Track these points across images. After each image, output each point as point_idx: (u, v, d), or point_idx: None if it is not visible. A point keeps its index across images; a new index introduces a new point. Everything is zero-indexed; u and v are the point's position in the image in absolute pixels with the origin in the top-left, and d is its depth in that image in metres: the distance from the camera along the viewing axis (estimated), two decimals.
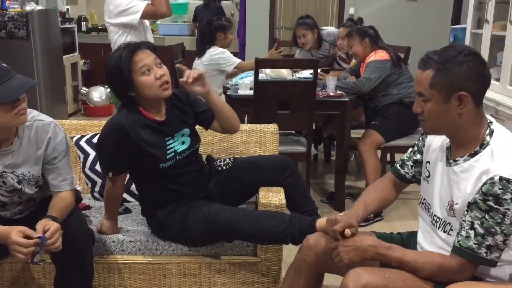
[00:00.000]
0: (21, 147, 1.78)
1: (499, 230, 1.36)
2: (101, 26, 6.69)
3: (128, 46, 1.92)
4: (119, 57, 1.89)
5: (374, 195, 1.78)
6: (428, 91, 1.43)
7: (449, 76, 1.40)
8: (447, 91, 1.41)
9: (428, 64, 1.43)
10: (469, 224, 1.40)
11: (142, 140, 1.94)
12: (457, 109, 1.42)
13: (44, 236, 1.61)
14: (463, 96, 1.41)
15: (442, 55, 1.42)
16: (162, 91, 1.93)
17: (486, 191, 1.36)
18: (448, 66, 1.40)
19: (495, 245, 1.37)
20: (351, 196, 3.55)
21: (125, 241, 2.06)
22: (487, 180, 1.36)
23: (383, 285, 1.42)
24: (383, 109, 3.29)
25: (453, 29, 4.51)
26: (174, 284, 2.09)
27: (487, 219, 1.37)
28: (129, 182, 2.23)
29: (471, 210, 1.40)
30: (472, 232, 1.39)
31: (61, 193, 1.85)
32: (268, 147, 2.48)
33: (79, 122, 2.55)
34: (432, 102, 1.44)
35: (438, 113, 1.44)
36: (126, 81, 1.89)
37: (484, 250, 1.38)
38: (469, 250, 1.39)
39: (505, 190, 1.34)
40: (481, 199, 1.37)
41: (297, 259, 1.75)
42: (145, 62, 1.90)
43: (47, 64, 4.92)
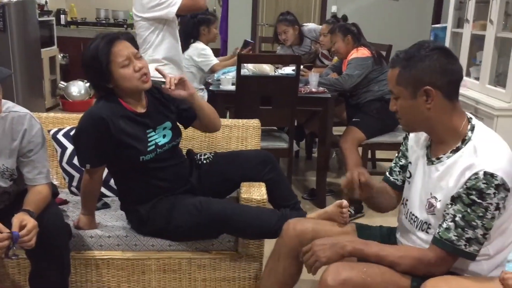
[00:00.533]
0: None
1: (480, 224, 1.37)
2: (80, 20, 6.59)
3: (106, 37, 1.87)
4: (96, 47, 1.84)
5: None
6: (396, 88, 1.47)
7: (413, 72, 1.43)
8: (413, 87, 1.43)
9: (396, 62, 1.47)
10: (451, 216, 1.40)
11: (122, 132, 1.90)
12: (425, 104, 1.44)
13: (16, 232, 1.58)
14: (429, 90, 1.42)
15: (407, 52, 1.45)
16: (141, 83, 1.89)
17: (470, 186, 1.37)
18: (411, 62, 1.43)
19: (475, 238, 1.38)
20: (332, 193, 3.56)
21: (103, 236, 2.01)
22: (471, 176, 1.37)
23: (361, 279, 1.43)
24: (365, 105, 3.30)
25: (434, 28, 4.56)
26: (154, 280, 2.06)
27: (469, 212, 1.37)
28: (108, 176, 2.18)
29: (455, 203, 1.40)
30: (452, 225, 1.40)
31: (37, 186, 1.80)
32: (250, 142, 2.46)
33: (56, 115, 2.49)
34: (401, 99, 1.47)
35: (408, 109, 1.47)
36: (103, 73, 1.84)
37: (463, 242, 1.39)
38: (448, 242, 1.40)
39: (489, 185, 1.34)
40: (465, 193, 1.38)
41: (277, 243, 1.76)
42: (124, 54, 1.85)
43: (24, 57, 4.81)
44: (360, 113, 3.30)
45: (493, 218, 1.37)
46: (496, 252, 1.46)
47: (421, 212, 1.54)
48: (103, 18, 6.64)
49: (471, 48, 3.48)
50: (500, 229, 1.44)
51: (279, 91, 3.00)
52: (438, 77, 1.42)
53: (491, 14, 3.10)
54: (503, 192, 1.35)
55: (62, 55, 6.13)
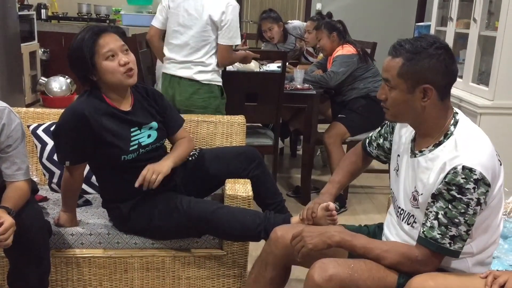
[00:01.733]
0: None
1: (463, 220, 1.36)
2: (61, 15, 6.47)
3: (94, 28, 1.83)
4: (82, 38, 1.81)
5: (347, 169, 1.83)
6: (395, 79, 1.43)
7: (417, 67, 1.40)
8: (413, 82, 1.41)
9: (399, 52, 1.43)
10: (434, 214, 1.40)
11: (104, 129, 1.85)
12: (420, 101, 1.43)
13: None
14: (428, 89, 1.41)
15: (414, 44, 1.41)
16: (125, 78, 1.85)
17: (449, 180, 1.36)
18: (418, 57, 1.40)
19: (459, 235, 1.38)
20: (317, 190, 3.55)
21: (85, 234, 1.97)
22: (450, 170, 1.37)
23: (348, 275, 1.42)
24: (350, 103, 3.31)
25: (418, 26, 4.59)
26: (136, 278, 2.02)
27: (450, 209, 1.37)
28: (89, 173, 2.13)
29: (437, 200, 1.40)
30: (436, 222, 1.39)
31: (16, 183, 1.75)
32: (235, 138, 2.44)
33: (36, 110, 2.43)
34: (397, 90, 1.44)
35: (402, 103, 1.45)
36: (87, 64, 1.80)
37: (447, 240, 1.38)
38: (432, 240, 1.39)
39: (468, 180, 1.34)
40: (445, 189, 1.37)
41: (264, 250, 1.72)
42: (110, 46, 1.81)
43: (3, 52, 4.70)
44: (345, 109, 3.30)
45: (475, 213, 1.37)
46: (480, 250, 1.46)
47: (406, 205, 1.54)
48: (85, 13, 6.53)
49: (454, 46, 3.50)
50: (483, 227, 1.44)
51: (265, 87, 2.98)
52: (440, 78, 1.41)
53: (475, 12, 3.12)
54: (483, 187, 1.35)
55: (42, 50, 6.01)
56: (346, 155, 1.91)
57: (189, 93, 2.72)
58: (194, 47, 2.71)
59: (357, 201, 3.43)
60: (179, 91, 2.75)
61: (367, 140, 1.81)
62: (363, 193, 3.57)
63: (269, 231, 1.83)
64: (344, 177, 1.82)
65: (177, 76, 2.76)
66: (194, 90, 2.72)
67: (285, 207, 2.19)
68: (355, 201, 3.42)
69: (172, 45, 2.78)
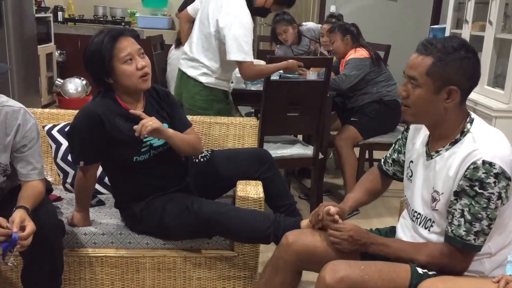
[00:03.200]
0: None
1: (485, 215, 1.37)
2: (78, 17, 6.55)
3: (112, 31, 1.85)
4: (101, 41, 1.82)
5: (364, 186, 1.81)
6: (423, 77, 1.42)
7: (448, 68, 1.39)
8: (441, 83, 1.40)
9: (429, 50, 1.41)
10: (460, 212, 1.40)
11: (117, 130, 1.87)
12: (444, 102, 1.42)
13: (16, 235, 1.54)
14: (454, 91, 1.41)
15: (445, 44, 1.40)
16: (141, 83, 1.87)
17: (470, 176, 1.37)
18: (450, 58, 1.39)
19: (481, 230, 1.39)
20: (329, 193, 3.54)
21: (97, 234, 1.99)
22: (470, 165, 1.37)
23: (359, 277, 1.42)
24: (362, 108, 3.29)
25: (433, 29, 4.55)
26: (148, 278, 2.03)
27: (473, 205, 1.37)
28: (102, 173, 2.16)
29: (460, 198, 1.40)
30: (462, 220, 1.40)
31: (31, 182, 1.78)
32: (247, 140, 2.45)
33: (51, 111, 2.47)
34: (422, 89, 1.43)
35: (425, 102, 1.44)
36: (105, 67, 1.82)
37: (472, 236, 1.39)
38: (459, 238, 1.41)
39: (488, 174, 1.35)
40: (468, 185, 1.38)
41: (275, 255, 1.71)
42: (128, 50, 1.83)
43: (21, 53, 4.77)
44: (358, 113, 3.28)
45: (497, 208, 1.37)
46: (497, 250, 1.47)
47: (425, 209, 1.53)
48: (101, 16, 6.60)
49: None
50: (501, 225, 1.44)
51: (307, 96, 2.81)
52: (466, 81, 1.41)
53: (490, 15, 3.09)
54: (503, 181, 1.35)
55: (59, 52, 6.09)
56: (364, 176, 1.88)
57: (192, 93, 2.73)
58: (204, 48, 2.72)
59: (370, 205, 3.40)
60: (186, 89, 2.78)
61: (382, 159, 1.80)
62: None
63: (278, 234, 1.84)
64: (360, 194, 1.80)
65: (185, 73, 2.78)
66: (197, 91, 2.73)
67: (296, 209, 2.20)
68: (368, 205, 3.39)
69: (190, 39, 2.82)
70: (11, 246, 1.55)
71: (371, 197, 1.83)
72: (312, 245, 1.64)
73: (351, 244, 1.56)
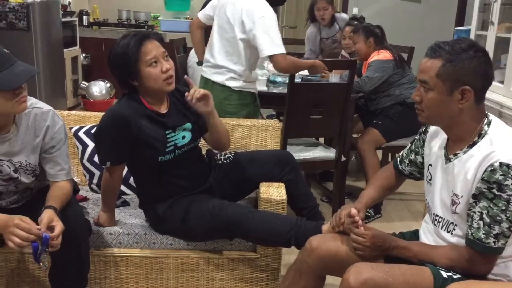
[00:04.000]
0: (18, 135, 1.75)
1: (504, 217, 1.36)
2: (102, 21, 6.66)
3: (137, 35, 1.88)
4: (127, 44, 1.85)
5: (378, 184, 1.82)
6: (433, 80, 1.42)
7: (457, 69, 1.39)
8: (452, 83, 1.40)
9: (438, 53, 1.42)
10: (479, 215, 1.40)
11: (142, 131, 1.90)
12: (458, 103, 1.42)
13: (47, 235, 1.58)
14: (467, 91, 1.40)
15: (454, 46, 1.40)
16: (166, 85, 1.90)
17: (488, 179, 1.36)
18: (459, 59, 1.39)
19: (501, 233, 1.38)
20: (351, 196, 3.52)
21: (122, 234, 2.02)
22: (487, 167, 1.36)
23: (383, 280, 1.41)
24: (385, 110, 3.27)
25: (457, 31, 4.49)
26: (172, 278, 2.06)
27: (492, 207, 1.37)
28: (128, 174, 2.19)
29: (479, 200, 1.39)
30: (481, 223, 1.39)
31: (59, 182, 1.82)
32: (269, 142, 2.46)
33: (78, 113, 2.52)
34: (434, 92, 1.43)
35: (438, 104, 1.43)
36: (131, 70, 1.85)
37: (492, 239, 1.38)
38: (478, 241, 1.40)
39: (506, 176, 1.34)
40: (486, 187, 1.37)
41: (298, 260, 1.71)
42: (153, 53, 1.86)
43: (47, 57, 4.88)
44: (380, 116, 3.26)
45: None
46: None
47: (446, 212, 1.52)
48: (125, 19, 6.70)
49: (495, 51, 3.41)
50: None
51: (330, 98, 2.80)
52: (479, 80, 1.41)
53: None
54: None
55: (84, 55, 6.21)
56: (378, 172, 1.90)
57: (220, 98, 2.69)
58: (228, 53, 2.71)
59: (392, 208, 3.38)
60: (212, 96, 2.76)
61: (398, 158, 1.80)
62: (399, 199, 3.51)
63: (299, 238, 1.84)
64: (374, 191, 1.80)
65: (210, 80, 2.79)
66: (225, 96, 2.72)
67: (319, 211, 2.19)
68: (390, 208, 3.37)
69: (210, 47, 2.81)
70: (43, 247, 1.58)
71: (385, 193, 1.84)
72: (336, 250, 1.63)
73: (374, 250, 1.56)
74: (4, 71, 1.57)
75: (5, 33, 4.53)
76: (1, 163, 1.74)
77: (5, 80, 1.57)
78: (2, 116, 1.68)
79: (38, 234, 1.56)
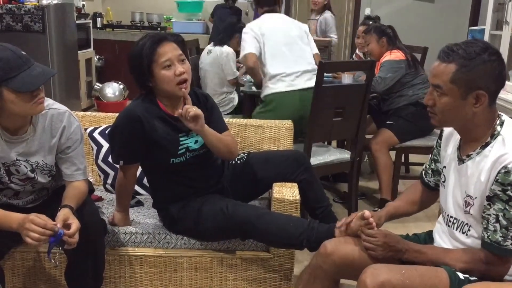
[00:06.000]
0: (35, 135, 1.77)
1: None
2: (116, 23, 6.72)
3: (155, 36, 1.87)
4: (142, 45, 1.85)
5: (406, 197, 1.80)
6: (448, 85, 1.40)
7: (472, 73, 1.37)
8: (467, 88, 1.39)
9: (451, 57, 1.40)
10: (494, 217, 1.38)
11: (155, 132, 1.92)
12: (472, 107, 1.40)
13: (62, 230, 1.59)
14: (481, 95, 1.39)
15: (467, 50, 1.38)
16: (179, 90, 1.88)
17: (502, 181, 1.35)
18: (473, 63, 1.37)
19: None
20: (364, 197, 3.51)
21: (137, 233, 2.04)
22: (500, 169, 1.35)
23: (400, 281, 1.40)
24: (398, 110, 3.25)
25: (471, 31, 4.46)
26: (185, 278, 2.07)
27: (508, 209, 1.35)
28: (141, 174, 2.21)
29: (493, 203, 1.38)
30: (498, 225, 1.38)
31: (75, 182, 1.83)
32: (282, 143, 2.46)
33: (93, 114, 2.55)
34: (448, 97, 1.41)
35: (452, 109, 1.42)
36: (144, 71, 1.86)
37: (510, 241, 1.37)
38: (496, 244, 1.38)
39: None
40: (500, 189, 1.36)
41: (312, 264, 1.69)
42: (168, 56, 1.85)
43: (62, 59, 4.94)
44: (394, 116, 3.24)
45: None
46: None
47: (459, 213, 1.51)
48: (138, 21, 6.76)
49: (510, 50, 3.38)
50: None
51: (351, 100, 2.78)
52: (492, 84, 1.39)
53: None
54: None
55: (97, 57, 6.27)
56: (407, 187, 1.86)
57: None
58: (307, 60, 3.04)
59: None
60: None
61: (423, 172, 1.77)
62: None
63: (311, 240, 1.83)
64: (400, 202, 1.78)
65: (305, 88, 2.89)
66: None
67: (332, 212, 2.19)
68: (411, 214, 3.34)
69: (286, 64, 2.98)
70: (55, 242, 1.60)
71: (414, 206, 1.78)
72: (351, 255, 1.62)
73: (386, 250, 1.55)
74: (21, 73, 1.59)
75: (21, 35, 4.60)
76: (19, 163, 1.77)
77: (23, 82, 1.59)
78: (20, 117, 1.70)
79: (54, 229, 1.57)
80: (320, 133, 2.77)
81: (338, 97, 2.75)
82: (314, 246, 1.80)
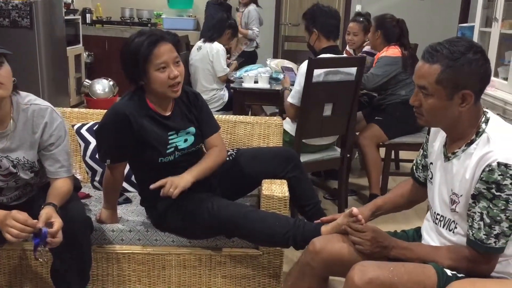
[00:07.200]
0: (16, 131, 1.74)
1: (504, 217, 1.35)
2: (105, 19, 6.66)
3: (152, 35, 1.83)
4: (140, 44, 1.81)
5: (396, 191, 1.80)
6: (433, 86, 1.39)
7: (457, 74, 1.37)
8: (453, 89, 1.38)
9: (435, 58, 1.38)
10: (479, 215, 1.39)
11: (143, 131, 1.89)
12: (458, 107, 1.40)
13: (46, 229, 1.57)
14: (467, 94, 1.39)
15: (451, 49, 1.37)
16: (171, 92, 1.87)
17: (486, 179, 1.35)
18: (458, 63, 1.36)
19: (502, 232, 1.37)
20: (354, 193, 3.52)
21: (125, 231, 2.02)
22: (485, 167, 1.35)
23: (388, 278, 1.40)
24: (388, 107, 3.25)
25: (461, 27, 4.47)
26: (174, 275, 2.05)
27: (491, 208, 1.36)
28: (130, 172, 2.19)
29: (478, 201, 1.38)
30: (482, 223, 1.38)
31: (59, 180, 1.81)
32: (272, 139, 2.45)
33: (80, 110, 2.52)
34: (434, 97, 1.40)
35: (439, 109, 1.42)
36: (139, 69, 1.83)
37: (493, 240, 1.37)
38: (479, 242, 1.39)
39: (504, 176, 1.33)
40: (485, 188, 1.36)
41: (301, 261, 1.69)
42: (164, 58, 1.82)
43: (51, 55, 4.88)
44: (384, 112, 3.24)
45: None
46: None
47: (446, 211, 1.52)
48: (128, 17, 6.70)
49: (499, 47, 3.39)
50: None
51: (340, 96, 2.76)
52: (478, 83, 1.39)
53: None
54: None
55: (87, 53, 6.21)
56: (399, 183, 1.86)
57: None
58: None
59: None
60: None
61: (413, 166, 1.76)
62: None
63: (297, 238, 1.83)
64: (389, 194, 1.80)
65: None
66: None
67: (321, 209, 2.19)
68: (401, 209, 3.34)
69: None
70: (41, 241, 1.58)
71: (404, 200, 1.78)
72: (340, 252, 1.61)
73: (374, 245, 1.54)
74: None
75: (8, 31, 4.53)
76: (0, 159, 1.74)
77: None
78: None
79: (34, 226, 1.56)
80: (310, 130, 2.76)
81: (326, 93, 2.73)
82: (300, 244, 1.80)
